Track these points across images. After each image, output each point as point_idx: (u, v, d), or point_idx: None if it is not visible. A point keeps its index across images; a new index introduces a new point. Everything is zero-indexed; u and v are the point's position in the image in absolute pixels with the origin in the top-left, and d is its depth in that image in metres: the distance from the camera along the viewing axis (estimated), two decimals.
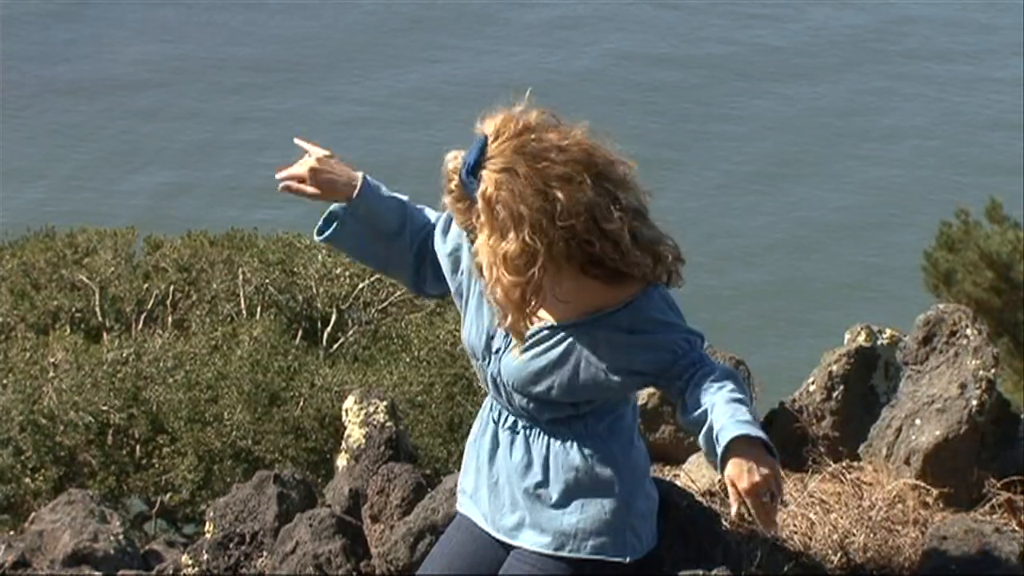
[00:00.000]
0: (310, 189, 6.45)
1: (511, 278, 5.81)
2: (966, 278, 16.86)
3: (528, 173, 5.79)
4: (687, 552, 6.50)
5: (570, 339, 6.04)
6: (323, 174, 6.44)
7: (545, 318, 6.07)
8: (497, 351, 6.21)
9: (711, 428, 5.86)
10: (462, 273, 6.36)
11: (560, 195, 5.78)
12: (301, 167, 6.45)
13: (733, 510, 6.10)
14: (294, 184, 6.45)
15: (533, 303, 5.90)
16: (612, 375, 6.04)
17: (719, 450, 5.80)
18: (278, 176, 6.48)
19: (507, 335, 6.11)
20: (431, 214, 6.54)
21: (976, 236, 17.31)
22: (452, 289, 6.42)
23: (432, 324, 23.01)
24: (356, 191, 6.40)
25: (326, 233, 6.53)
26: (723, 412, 5.83)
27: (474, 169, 5.88)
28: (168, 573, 9.86)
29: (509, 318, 5.94)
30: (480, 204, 5.85)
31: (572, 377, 6.06)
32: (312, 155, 6.45)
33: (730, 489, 5.78)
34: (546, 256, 5.81)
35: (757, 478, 5.71)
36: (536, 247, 5.78)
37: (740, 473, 5.74)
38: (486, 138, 5.89)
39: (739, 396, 5.88)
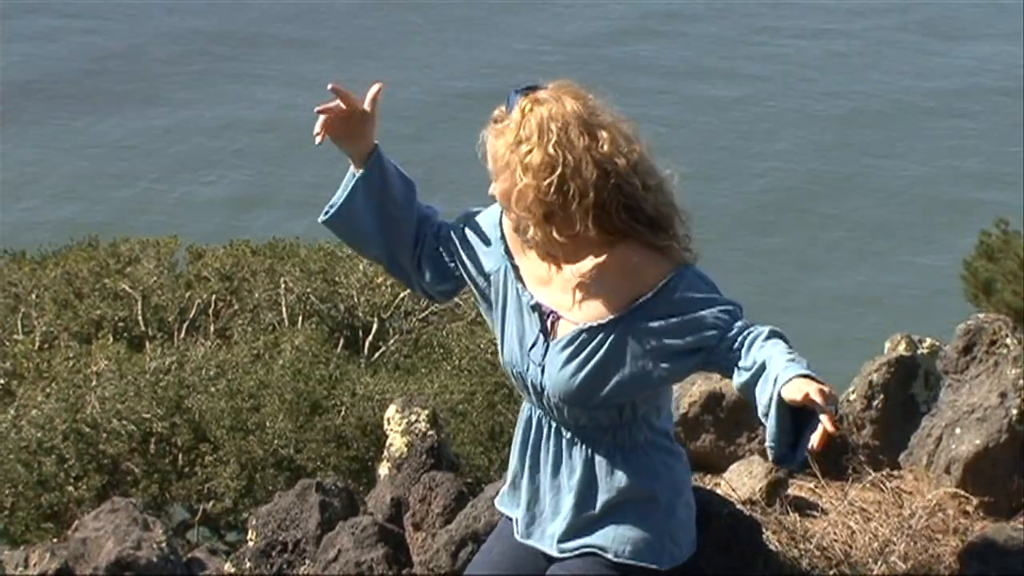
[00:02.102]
0: (344, 107, 6.25)
1: (536, 187, 5.85)
2: (1006, 287, 16.85)
3: (576, 107, 5.91)
4: (728, 561, 6.50)
5: (612, 336, 5.97)
6: (368, 117, 6.34)
7: (584, 320, 6.02)
8: (536, 359, 6.12)
9: (770, 375, 5.75)
10: (495, 272, 6.27)
11: (603, 133, 5.89)
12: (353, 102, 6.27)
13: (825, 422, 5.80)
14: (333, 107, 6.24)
15: (557, 229, 5.90)
16: (661, 363, 5.98)
17: (781, 382, 5.66)
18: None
19: (544, 344, 6.10)
20: (435, 211, 6.43)
21: (1016, 245, 17.30)
22: (477, 290, 6.33)
23: (473, 333, 22.97)
24: (373, 150, 6.29)
25: (334, 208, 6.33)
26: (780, 361, 5.74)
27: (524, 93, 5.97)
28: None
29: (531, 230, 5.94)
30: (516, 110, 5.93)
31: (621, 375, 5.99)
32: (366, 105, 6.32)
33: (802, 398, 5.57)
34: (571, 175, 5.85)
35: (826, 388, 5.55)
36: (559, 159, 5.83)
37: (810, 383, 5.57)
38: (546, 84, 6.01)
39: (791, 353, 5.77)
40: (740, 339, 5.92)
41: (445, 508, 7.67)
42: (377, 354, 23.83)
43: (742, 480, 7.62)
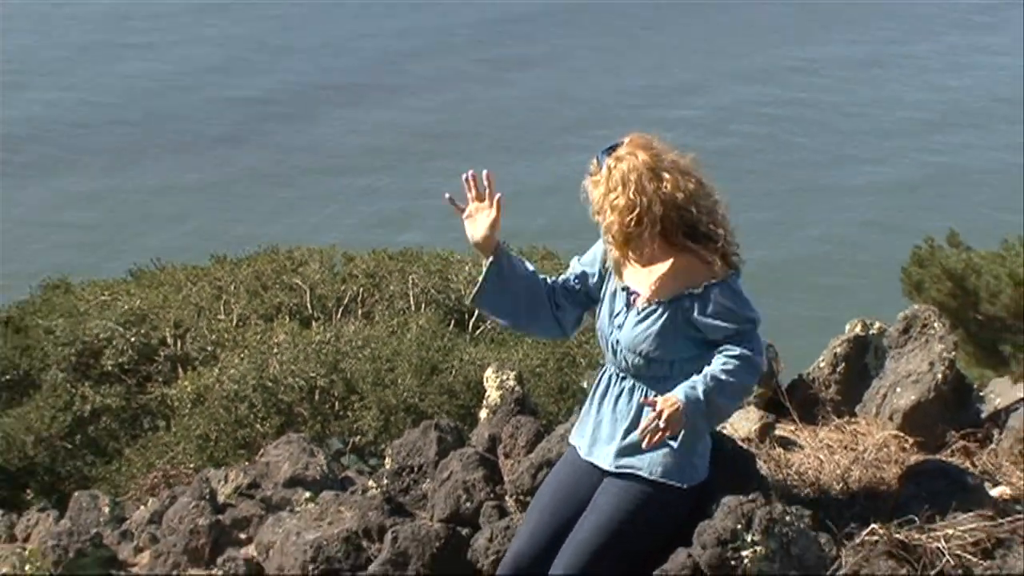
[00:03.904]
0: (474, 208, 6.60)
1: (619, 222, 6.20)
2: (932, 287, 16.79)
3: (646, 159, 6.20)
4: (731, 482, 6.50)
5: (667, 312, 6.28)
6: (495, 221, 6.56)
7: (653, 298, 6.31)
8: (618, 324, 6.38)
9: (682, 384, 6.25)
10: (601, 277, 6.58)
11: (667, 176, 6.19)
12: (489, 206, 6.60)
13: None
14: (472, 205, 6.61)
15: (632, 248, 6.28)
16: (690, 338, 6.29)
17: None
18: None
19: (625, 313, 6.38)
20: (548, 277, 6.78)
21: (939, 256, 17.25)
22: (592, 292, 6.63)
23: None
24: (497, 245, 6.62)
25: (482, 293, 6.66)
26: (691, 381, 6.22)
27: (609, 152, 6.27)
28: (359, 493, 9.90)
29: (614, 251, 6.34)
30: (605, 168, 6.23)
31: (664, 337, 6.29)
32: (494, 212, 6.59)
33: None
34: (646, 212, 6.15)
35: (665, 410, 6.13)
36: (637, 203, 6.15)
37: (667, 402, 6.18)
38: (623, 142, 6.30)
39: (715, 373, 6.20)
40: (727, 348, 6.25)
41: (527, 442, 7.67)
42: (478, 331, 23.82)
43: (741, 424, 7.61)
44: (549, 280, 6.67)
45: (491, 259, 6.58)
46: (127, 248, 30.32)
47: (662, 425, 6.14)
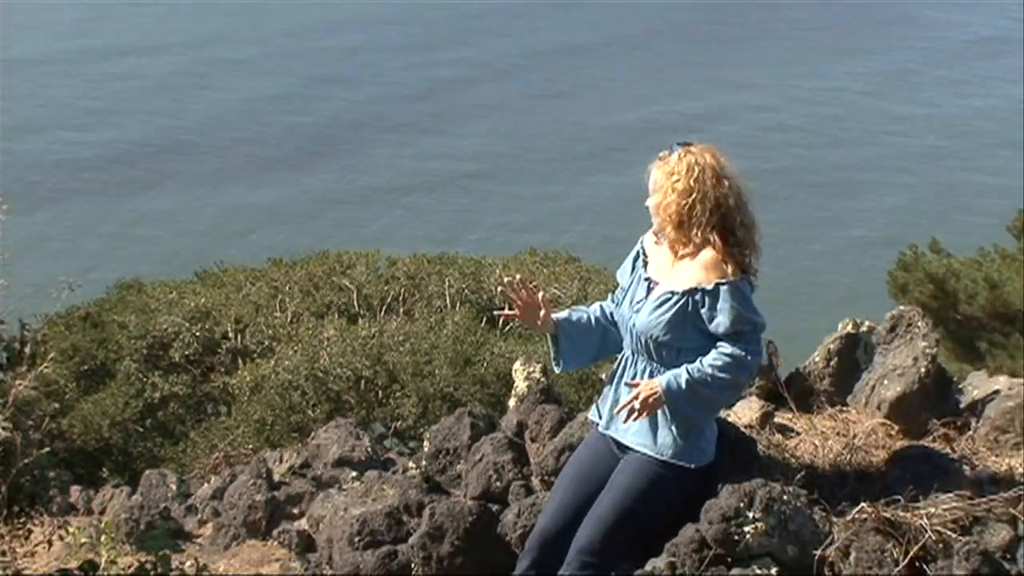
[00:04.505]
0: (522, 310, 6.77)
1: (676, 202, 6.27)
2: (915, 289, 16.76)
3: (712, 162, 6.31)
4: (733, 465, 6.50)
5: (680, 301, 6.28)
6: (545, 313, 6.72)
7: (669, 288, 6.32)
8: (637, 309, 6.41)
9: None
10: (630, 277, 6.60)
11: (726, 181, 6.31)
12: (534, 304, 6.76)
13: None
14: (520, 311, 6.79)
15: (683, 232, 6.32)
16: (698, 328, 6.27)
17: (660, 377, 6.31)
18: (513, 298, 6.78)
19: (644, 299, 6.42)
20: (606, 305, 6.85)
21: (922, 262, 17.22)
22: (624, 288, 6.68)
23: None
24: (553, 323, 6.73)
25: (559, 363, 6.81)
26: (676, 370, 6.26)
27: (682, 145, 6.41)
28: (400, 473, 9.91)
29: (670, 232, 6.35)
30: (675, 155, 6.34)
31: (679, 325, 6.28)
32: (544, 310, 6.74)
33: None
34: (699, 201, 6.24)
35: (640, 393, 6.24)
36: (695, 190, 6.24)
37: (647, 385, 6.29)
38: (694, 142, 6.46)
39: (704, 367, 6.22)
40: (720, 344, 6.25)
41: (551, 428, 7.67)
42: (507, 328, 23.80)
43: (744, 412, 7.60)
44: (607, 308, 6.78)
45: (552, 335, 6.76)
46: (198, 259, 30.43)
47: (637, 407, 6.24)
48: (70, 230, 46.63)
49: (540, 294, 6.75)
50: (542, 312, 6.71)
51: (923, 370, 7.67)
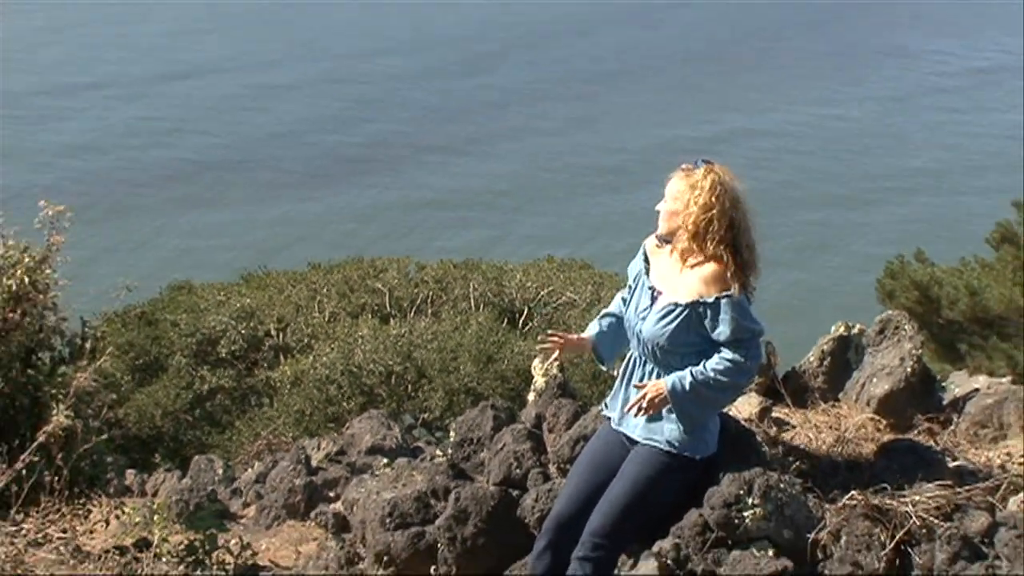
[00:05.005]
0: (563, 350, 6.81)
1: (696, 214, 6.20)
2: (902, 295, 16.74)
3: (732, 185, 6.28)
4: (734, 456, 6.48)
5: (683, 312, 6.22)
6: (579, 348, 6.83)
7: (672, 299, 6.27)
8: (642, 316, 6.36)
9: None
10: (635, 281, 6.54)
11: (740, 205, 6.28)
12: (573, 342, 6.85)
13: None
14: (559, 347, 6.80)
15: (696, 244, 6.24)
16: (701, 335, 6.21)
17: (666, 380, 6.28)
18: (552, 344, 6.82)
19: (649, 308, 6.36)
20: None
21: (908, 270, 17.21)
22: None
23: (584, 316, 22.98)
24: (590, 342, 6.81)
25: (604, 361, 6.85)
26: (693, 369, 6.21)
27: (705, 162, 6.35)
28: (428, 460, 9.90)
29: (685, 240, 6.27)
30: (700, 171, 6.29)
31: (683, 334, 6.23)
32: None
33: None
34: (716, 218, 6.19)
35: (647, 394, 6.25)
36: (714, 206, 6.19)
37: (653, 386, 6.27)
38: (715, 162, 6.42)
39: (706, 370, 6.19)
40: (720, 351, 6.20)
41: (567, 420, 7.67)
42: (527, 328, 23.84)
43: (744, 407, 7.58)
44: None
45: (593, 350, 6.80)
46: (249, 265, 30.58)
47: (644, 405, 6.24)
48: (132, 239, 46.90)
49: (570, 336, 6.87)
50: (576, 341, 6.80)
51: (909, 369, 7.65)
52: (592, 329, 6.79)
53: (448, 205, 50.71)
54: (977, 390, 7.78)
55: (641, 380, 6.40)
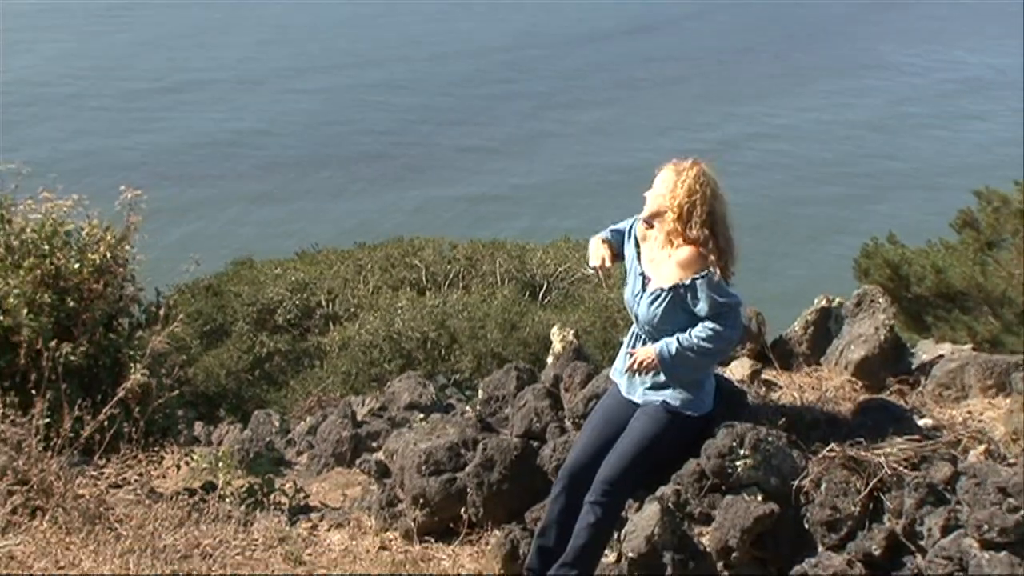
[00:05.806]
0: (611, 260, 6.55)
1: (682, 197, 6.13)
2: (876, 273, 16.66)
3: (713, 179, 6.22)
4: (728, 413, 6.47)
5: (670, 295, 6.15)
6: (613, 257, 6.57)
7: (659, 284, 6.20)
8: (637, 301, 6.29)
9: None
10: (631, 256, 6.46)
11: (720, 196, 6.21)
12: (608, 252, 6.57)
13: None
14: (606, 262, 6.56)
15: (682, 225, 6.16)
16: (687, 312, 6.15)
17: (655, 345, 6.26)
18: (597, 263, 6.55)
19: (641, 293, 6.28)
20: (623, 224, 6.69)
21: (882, 251, 17.12)
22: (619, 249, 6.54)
23: (596, 291, 23.01)
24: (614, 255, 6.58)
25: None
26: (680, 335, 6.16)
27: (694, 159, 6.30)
28: (459, 415, 9.89)
29: (670, 220, 6.19)
30: (687, 163, 6.24)
31: (671, 313, 6.17)
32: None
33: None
34: (700, 204, 6.14)
35: (640, 356, 6.25)
36: (696, 192, 6.14)
37: (645, 350, 6.26)
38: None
39: (690, 337, 6.14)
40: (702, 324, 6.14)
41: (581, 380, 7.65)
42: (546, 300, 23.85)
43: (736, 370, 7.56)
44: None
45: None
46: (299, 236, 30.68)
47: (636, 367, 6.25)
48: (213, 226, 46.90)
49: (605, 252, 6.55)
50: (609, 249, 6.52)
51: (882, 338, 7.61)
52: (605, 234, 6.65)
53: (482, 200, 50.45)
54: (942, 356, 7.73)
55: (642, 347, 6.40)
